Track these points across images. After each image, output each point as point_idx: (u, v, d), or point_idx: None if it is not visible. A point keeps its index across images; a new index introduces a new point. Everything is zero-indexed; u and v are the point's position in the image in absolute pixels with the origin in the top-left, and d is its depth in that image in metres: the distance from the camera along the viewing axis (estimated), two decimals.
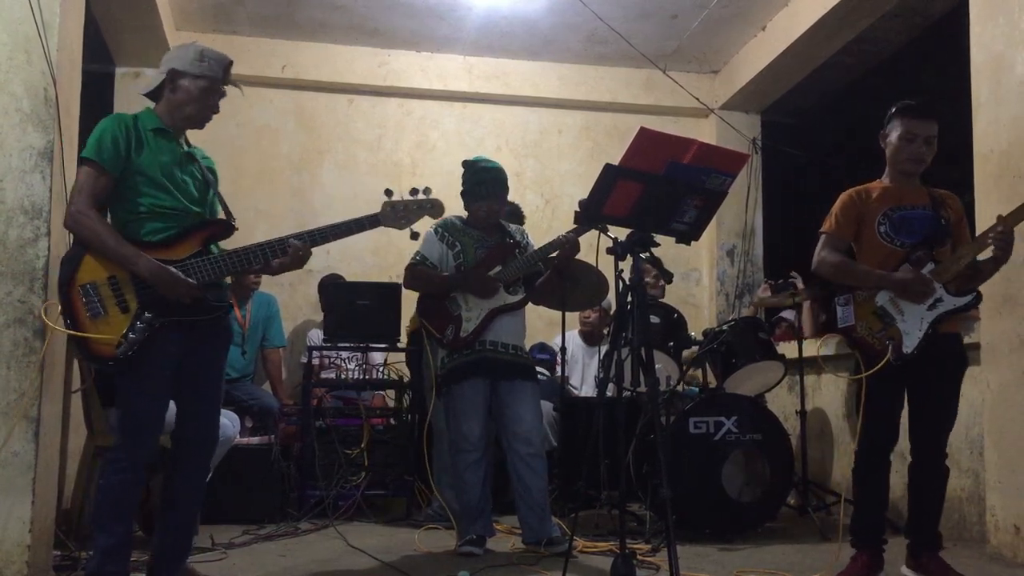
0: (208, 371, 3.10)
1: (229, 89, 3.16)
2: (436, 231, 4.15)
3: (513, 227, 4.28)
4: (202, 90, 3.02)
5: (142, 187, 2.94)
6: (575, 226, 3.76)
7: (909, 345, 3.24)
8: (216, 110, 3.10)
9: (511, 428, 3.99)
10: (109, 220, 2.97)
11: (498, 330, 4.03)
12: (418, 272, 4.13)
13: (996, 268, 3.33)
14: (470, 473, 3.96)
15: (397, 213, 3.27)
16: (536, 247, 4.16)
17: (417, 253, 4.15)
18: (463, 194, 4.17)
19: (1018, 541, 3.79)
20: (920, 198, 3.41)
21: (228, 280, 3.26)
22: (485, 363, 3.98)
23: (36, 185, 3.35)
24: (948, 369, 3.37)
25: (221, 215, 3.20)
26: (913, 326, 3.25)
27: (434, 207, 3.35)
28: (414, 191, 3.31)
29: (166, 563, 3.08)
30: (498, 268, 4.07)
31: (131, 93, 6.16)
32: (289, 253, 3.07)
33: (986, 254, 3.30)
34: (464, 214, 4.23)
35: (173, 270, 2.88)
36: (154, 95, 3.09)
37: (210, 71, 3.03)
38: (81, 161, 2.94)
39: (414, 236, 3.32)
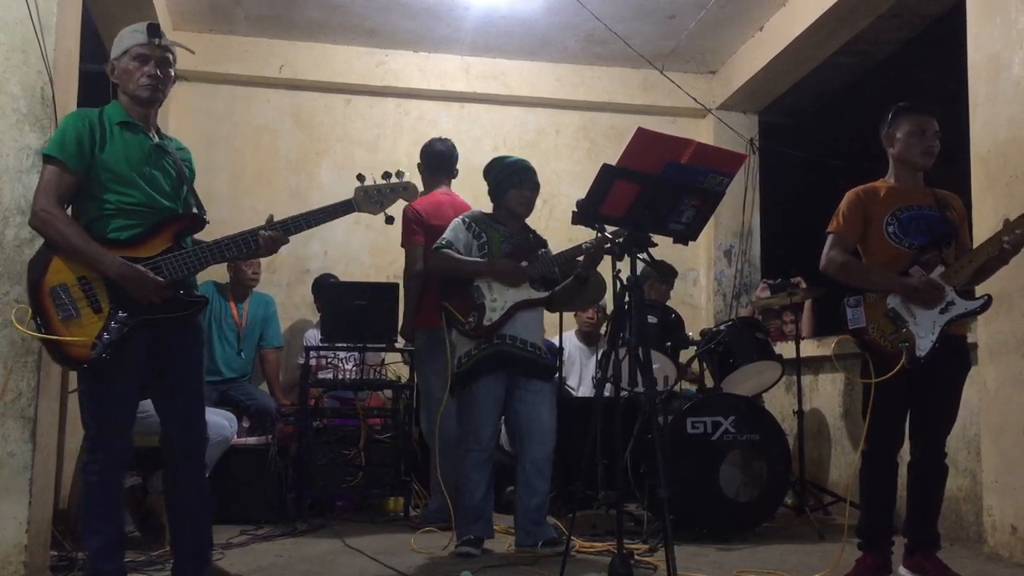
0: (181, 369, 3.01)
1: (227, 89, 3.15)
2: (464, 220, 4.15)
3: (533, 229, 4.28)
4: (132, 60, 2.97)
5: (108, 184, 2.88)
6: (600, 235, 3.59)
7: (923, 349, 3.23)
8: (164, 74, 2.99)
9: (527, 428, 3.98)
10: (76, 218, 2.91)
11: (519, 325, 4.01)
12: (444, 255, 4.07)
13: (996, 269, 3.33)
14: (476, 473, 3.94)
15: (371, 198, 3.16)
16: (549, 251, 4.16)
17: (443, 239, 4.12)
18: (493, 190, 4.17)
19: (1015, 541, 3.80)
20: (925, 198, 3.41)
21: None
22: (502, 357, 3.95)
23: (33, 185, 3.32)
24: (953, 371, 3.37)
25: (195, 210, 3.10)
26: (926, 329, 3.24)
27: (407, 190, 3.23)
28: (387, 175, 3.19)
29: (191, 566, 3.06)
30: (523, 264, 4.07)
31: None
32: (261, 245, 3.00)
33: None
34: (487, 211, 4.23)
35: (141, 268, 2.81)
36: (115, 95, 3.05)
37: (130, 41, 2.99)
38: (45, 159, 2.88)
39: (389, 220, 3.19)
